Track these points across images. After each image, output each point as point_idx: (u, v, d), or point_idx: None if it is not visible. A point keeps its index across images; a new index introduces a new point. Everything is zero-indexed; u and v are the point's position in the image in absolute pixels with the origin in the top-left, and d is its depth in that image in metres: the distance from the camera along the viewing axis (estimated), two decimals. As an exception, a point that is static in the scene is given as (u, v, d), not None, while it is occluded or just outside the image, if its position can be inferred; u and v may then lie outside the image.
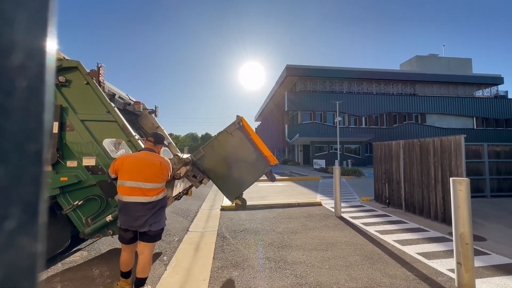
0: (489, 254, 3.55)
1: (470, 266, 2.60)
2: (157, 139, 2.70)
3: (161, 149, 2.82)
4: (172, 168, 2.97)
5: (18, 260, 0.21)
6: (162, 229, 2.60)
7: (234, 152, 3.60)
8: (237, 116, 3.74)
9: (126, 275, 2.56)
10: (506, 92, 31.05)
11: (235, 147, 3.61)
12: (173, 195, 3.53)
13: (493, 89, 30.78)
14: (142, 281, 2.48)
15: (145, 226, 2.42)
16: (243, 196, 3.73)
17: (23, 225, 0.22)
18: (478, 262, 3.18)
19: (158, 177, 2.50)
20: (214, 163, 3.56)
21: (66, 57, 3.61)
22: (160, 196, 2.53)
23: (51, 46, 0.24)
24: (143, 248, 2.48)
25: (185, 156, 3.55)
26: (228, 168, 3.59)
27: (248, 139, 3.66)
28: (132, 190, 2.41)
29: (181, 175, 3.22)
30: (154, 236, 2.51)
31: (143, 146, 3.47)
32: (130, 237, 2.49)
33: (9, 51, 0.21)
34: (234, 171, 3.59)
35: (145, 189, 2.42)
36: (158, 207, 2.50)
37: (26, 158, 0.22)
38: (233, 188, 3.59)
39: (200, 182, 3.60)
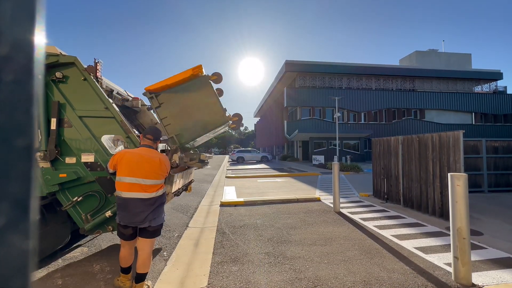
0: (486, 248, 3.59)
1: (467, 260, 2.63)
2: (156, 136, 2.69)
3: (159, 145, 2.83)
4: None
5: (9, 258, 0.21)
6: (162, 225, 2.62)
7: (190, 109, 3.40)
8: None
9: (126, 270, 2.57)
10: (505, 87, 31.02)
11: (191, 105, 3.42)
12: (173, 191, 3.53)
13: (492, 85, 30.74)
14: (142, 276, 2.50)
15: (145, 222, 2.43)
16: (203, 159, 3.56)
17: (14, 222, 0.21)
18: (474, 256, 3.22)
19: (157, 173, 2.50)
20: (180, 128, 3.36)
21: (63, 53, 3.57)
22: (159, 193, 2.53)
23: (40, 38, 0.23)
24: (143, 244, 2.50)
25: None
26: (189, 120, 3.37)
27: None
28: (131, 186, 2.41)
29: (177, 162, 3.17)
30: (153, 232, 2.53)
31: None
32: (130, 233, 2.50)
33: None
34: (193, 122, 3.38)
35: (145, 185, 2.43)
36: (157, 204, 2.51)
37: (15, 153, 0.21)
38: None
39: (203, 162, 3.50)
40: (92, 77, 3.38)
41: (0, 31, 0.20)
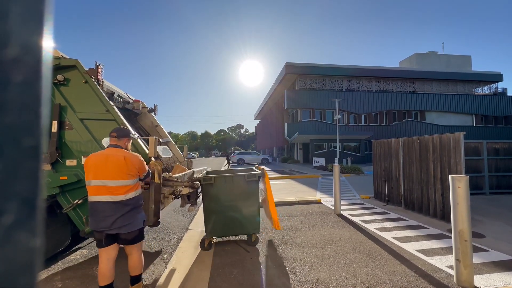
0: (488, 250, 3.57)
1: (469, 262, 2.62)
2: (120, 133, 2.47)
3: (129, 143, 2.57)
4: (175, 177, 3.00)
5: (16, 256, 0.21)
6: (140, 230, 2.39)
7: (239, 198, 3.71)
8: (263, 168, 4.00)
9: None
10: (506, 89, 31.05)
11: (243, 195, 3.72)
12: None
13: (493, 87, 30.77)
14: (137, 278, 2.44)
15: (112, 228, 2.22)
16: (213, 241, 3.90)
17: (21, 221, 0.22)
18: (476, 259, 3.20)
19: (124, 173, 2.28)
20: (215, 195, 3.62)
21: (65, 56, 3.59)
22: (130, 195, 2.29)
23: (48, 40, 0.23)
24: (130, 250, 2.38)
25: (199, 176, 3.67)
26: (224, 208, 3.65)
27: (258, 194, 3.84)
28: (98, 189, 2.23)
29: (181, 193, 3.26)
30: (132, 239, 2.33)
31: (142, 145, 3.47)
32: (103, 238, 2.28)
33: (4, 44, 0.21)
34: (227, 214, 3.65)
35: (112, 187, 2.23)
36: (129, 208, 2.27)
37: (23, 152, 0.21)
38: (215, 227, 3.65)
39: (188, 205, 3.68)
40: (93, 80, 3.41)
41: (9, 33, 0.21)
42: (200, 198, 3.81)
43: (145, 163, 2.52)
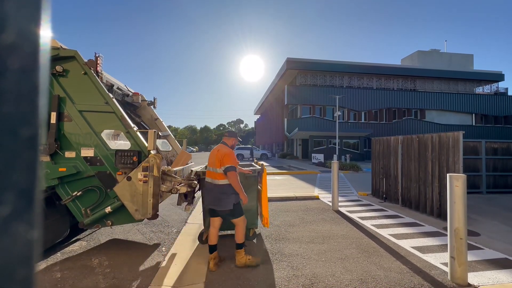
0: (482, 249, 3.61)
1: (463, 260, 2.65)
2: (230, 134, 3.25)
3: (235, 142, 3.24)
4: (177, 180, 3.36)
5: (14, 248, 0.21)
6: (232, 210, 2.96)
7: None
8: (262, 164, 4.02)
9: (211, 248, 3.04)
10: (506, 89, 30.96)
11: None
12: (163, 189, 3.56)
13: (494, 86, 30.68)
14: (239, 245, 3.03)
15: (209, 204, 3.01)
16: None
17: (18, 212, 0.21)
18: (471, 257, 3.24)
19: (215, 163, 2.98)
20: None
21: (64, 46, 3.55)
22: (218, 181, 2.95)
23: (46, 28, 0.23)
24: (234, 222, 3.05)
25: (198, 170, 3.80)
26: None
27: (257, 189, 3.87)
28: (208, 173, 3.09)
29: (179, 192, 3.33)
30: (228, 215, 2.98)
31: (141, 138, 3.46)
32: (209, 209, 3.08)
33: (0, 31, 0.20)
34: None
35: (211, 172, 3.03)
36: (219, 191, 2.94)
37: (20, 143, 0.21)
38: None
39: (185, 203, 3.71)
40: (93, 71, 3.37)
41: (6, 19, 0.20)
42: (196, 197, 3.84)
43: (232, 158, 2.98)
